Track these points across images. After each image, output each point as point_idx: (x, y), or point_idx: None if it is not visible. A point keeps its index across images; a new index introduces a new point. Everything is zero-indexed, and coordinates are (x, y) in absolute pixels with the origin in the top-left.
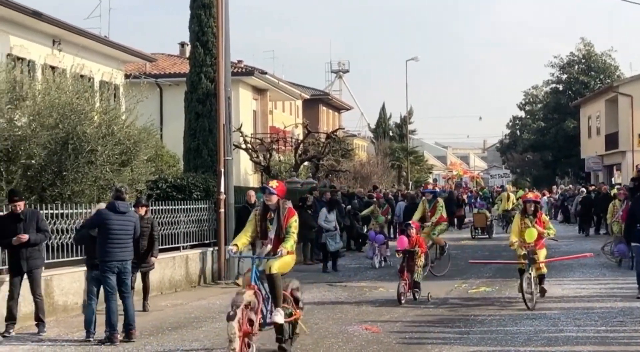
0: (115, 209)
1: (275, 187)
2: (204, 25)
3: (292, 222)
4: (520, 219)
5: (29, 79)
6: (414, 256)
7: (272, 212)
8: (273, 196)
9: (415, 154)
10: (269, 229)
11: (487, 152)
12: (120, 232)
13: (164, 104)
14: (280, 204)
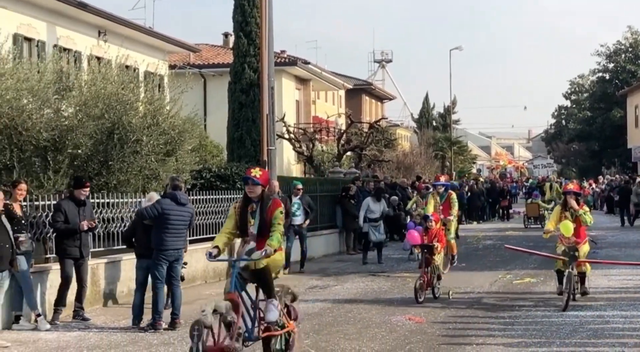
0: (177, 200)
1: (259, 176)
2: (248, 15)
3: (277, 214)
4: (561, 211)
5: (75, 69)
6: (432, 251)
7: (254, 205)
8: (257, 187)
9: (459, 144)
10: (250, 224)
11: (532, 142)
12: (179, 223)
13: (207, 95)
14: (265, 195)
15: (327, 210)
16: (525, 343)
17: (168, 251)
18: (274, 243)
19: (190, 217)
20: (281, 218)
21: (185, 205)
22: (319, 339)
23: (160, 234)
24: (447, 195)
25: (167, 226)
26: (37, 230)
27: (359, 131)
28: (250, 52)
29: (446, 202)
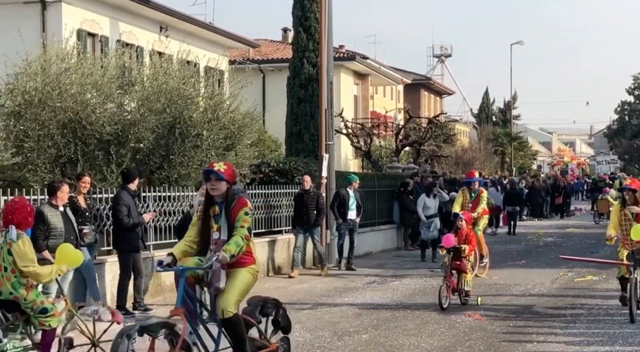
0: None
1: (224, 171)
2: (307, 10)
3: (241, 215)
4: (620, 210)
5: (137, 64)
6: (459, 254)
7: (217, 206)
8: (221, 183)
9: (519, 139)
10: (213, 229)
11: (594, 138)
12: None
13: (266, 89)
14: (230, 193)
15: (385, 205)
16: (587, 341)
17: None
18: (231, 247)
19: None
20: (246, 220)
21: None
22: (377, 335)
23: None
24: (478, 192)
25: None
26: (100, 222)
27: (418, 126)
28: (309, 47)
29: (476, 200)
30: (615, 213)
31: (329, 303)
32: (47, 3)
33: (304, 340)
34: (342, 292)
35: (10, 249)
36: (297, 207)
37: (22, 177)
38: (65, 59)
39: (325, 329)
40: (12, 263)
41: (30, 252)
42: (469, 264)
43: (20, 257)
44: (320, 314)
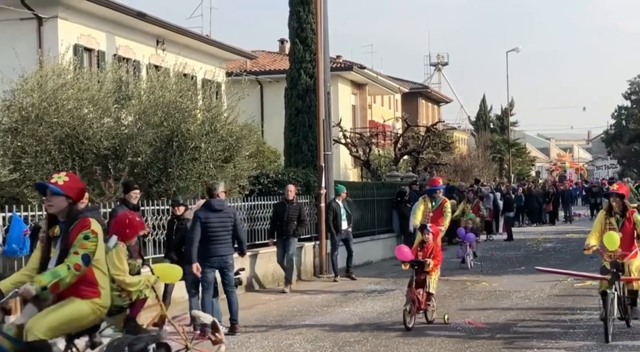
0: (211, 208)
1: (63, 184)
2: (303, 21)
3: (79, 238)
4: (605, 218)
5: (134, 78)
6: (424, 268)
7: (58, 227)
8: (57, 199)
9: (517, 146)
10: (52, 255)
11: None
12: (220, 229)
13: (264, 101)
14: (73, 211)
15: (385, 214)
16: (587, 347)
17: (213, 258)
18: (43, 278)
19: (232, 222)
20: (83, 245)
21: (221, 211)
22: (378, 344)
23: (203, 243)
24: (440, 202)
25: (208, 234)
26: None
27: (416, 135)
28: (306, 58)
29: (438, 210)
30: (600, 221)
31: (329, 313)
32: (43, 19)
33: (305, 351)
34: (342, 302)
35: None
36: (276, 217)
37: (20, 193)
38: (61, 74)
39: (326, 340)
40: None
41: (120, 262)
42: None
43: (112, 265)
44: (320, 324)
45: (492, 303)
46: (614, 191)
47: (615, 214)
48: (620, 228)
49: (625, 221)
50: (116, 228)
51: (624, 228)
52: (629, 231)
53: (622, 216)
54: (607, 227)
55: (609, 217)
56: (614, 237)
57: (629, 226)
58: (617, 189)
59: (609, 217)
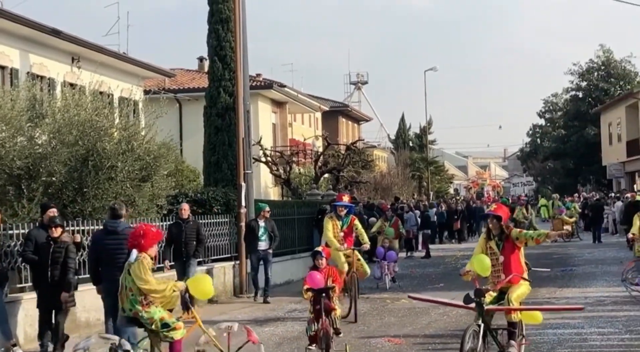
0: (106, 229)
1: None
2: (222, 39)
3: None
4: (485, 242)
5: (48, 96)
6: (329, 295)
7: None
8: None
9: (436, 164)
10: None
11: (508, 161)
12: (117, 252)
13: (183, 119)
14: None
15: (305, 232)
16: None
17: (108, 282)
18: None
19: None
20: None
21: (116, 233)
22: None
23: (101, 266)
24: (349, 220)
25: (100, 257)
26: (11, 259)
27: (336, 153)
28: (225, 76)
29: (349, 229)
30: (480, 245)
31: None
32: None
33: None
34: (262, 322)
35: (130, 270)
36: (172, 238)
37: None
38: None
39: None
40: (132, 282)
41: (145, 273)
42: (339, 305)
43: (136, 277)
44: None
45: (411, 320)
46: (491, 212)
47: (494, 237)
48: (500, 251)
49: (504, 243)
50: (133, 241)
51: (504, 251)
52: (511, 254)
53: (500, 239)
54: (489, 252)
55: (489, 241)
56: (484, 262)
57: (510, 248)
58: (495, 210)
59: (489, 240)
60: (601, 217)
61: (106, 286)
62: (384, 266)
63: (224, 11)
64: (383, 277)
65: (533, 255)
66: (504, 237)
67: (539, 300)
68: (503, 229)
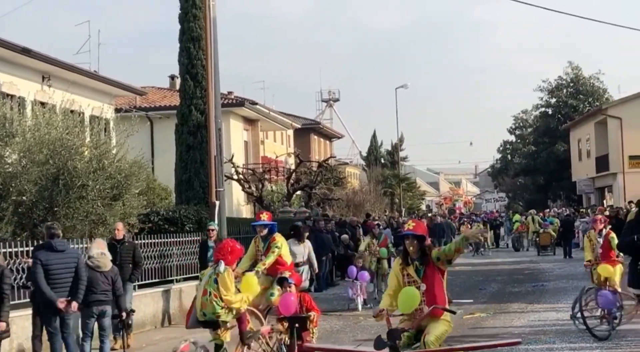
0: (52, 248)
1: None
2: (194, 58)
3: None
4: (401, 268)
5: (18, 115)
6: (305, 324)
7: None
8: None
9: (408, 180)
10: None
11: (479, 177)
12: (62, 271)
13: (154, 137)
14: None
15: None
16: None
17: (43, 300)
18: None
19: (76, 262)
20: None
21: (64, 252)
22: None
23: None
24: (270, 239)
25: (49, 276)
26: None
27: (308, 170)
28: (196, 94)
29: (268, 250)
30: (395, 274)
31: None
32: None
33: None
34: None
35: (217, 279)
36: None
37: None
38: None
39: None
40: (216, 290)
41: (230, 284)
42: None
43: (223, 286)
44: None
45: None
46: (410, 231)
47: (413, 262)
48: (421, 279)
49: (426, 268)
50: (220, 255)
51: (426, 278)
52: (434, 281)
53: (422, 263)
54: (406, 280)
55: (406, 267)
56: (411, 297)
57: (432, 273)
58: (414, 229)
59: (406, 266)
60: (572, 233)
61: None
62: (356, 287)
63: (195, 29)
64: (355, 298)
65: (505, 271)
66: (426, 261)
67: (511, 315)
68: (425, 251)
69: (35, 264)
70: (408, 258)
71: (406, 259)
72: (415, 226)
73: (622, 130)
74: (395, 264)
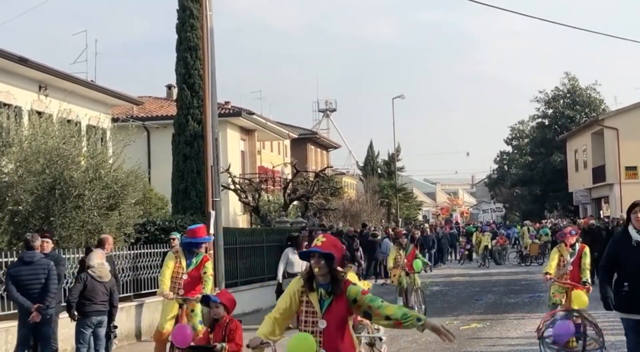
0: (22, 260)
1: None
2: (191, 67)
3: None
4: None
5: (15, 125)
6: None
7: None
8: None
9: (404, 190)
10: None
11: (476, 188)
12: (31, 282)
13: (151, 147)
14: None
15: (274, 260)
16: None
17: (22, 313)
18: None
19: (46, 273)
20: None
21: (32, 263)
22: None
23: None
24: (202, 258)
25: (18, 289)
26: None
27: (305, 180)
28: (193, 104)
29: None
30: (290, 294)
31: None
32: None
33: None
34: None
35: None
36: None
37: None
38: None
39: None
40: None
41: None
42: None
43: None
44: None
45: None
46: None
47: (320, 288)
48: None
49: (333, 301)
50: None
51: (329, 314)
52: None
53: (330, 292)
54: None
55: (309, 294)
56: (303, 347)
57: (340, 310)
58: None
59: (309, 292)
60: None
61: (21, 316)
62: None
63: (192, 39)
64: None
65: (502, 281)
66: (336, 291)
67: (507, 325)
68: (336, 277)
69: (6, 279)
70: (312, 283)
71: (310, 282)
72: (325, 242)
73: (618, 141)
74: (295, 283)
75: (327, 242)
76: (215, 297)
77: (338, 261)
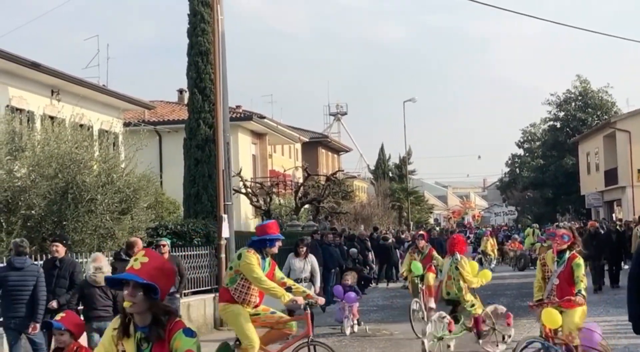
0: (12, 266)
1: None
2: (202, 72)
3: None
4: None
5: (28, 129)
6: None
7: None
8: None
9: (416, 194)
10: None
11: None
12: (17, 289)
13: (163, 151)
14: None
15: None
16: None
17: (8, 319)
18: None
19: (35, 279)
20: None
21: (22, 269)
22: None
23: (3, 302)
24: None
25: (8, 293)
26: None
27: (316, 184)
28: (205, 108)
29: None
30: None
31: None
32: None
33: None
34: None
35: (457, 266)
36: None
37: None
38: None
39: None
40: (459, 275)
41: (470, 269)
42: None
43: (462, 269)
44: None
45: (393, 351)
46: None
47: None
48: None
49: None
50: (454, 247)
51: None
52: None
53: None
54: None
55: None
56: None
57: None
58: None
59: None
60: None
61: (8, 321)
62: (345, 308)
63: (203, 43)
64: (344, 321)
65: (514, 285)
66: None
67: (520, 329)
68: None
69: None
70: (130, 326)
71: (126, 327)
72: (145, 265)
73: (630, 144)
74: (114, 323)
75: (150, 265)
76: (59, 322)
77: (164, 293)
